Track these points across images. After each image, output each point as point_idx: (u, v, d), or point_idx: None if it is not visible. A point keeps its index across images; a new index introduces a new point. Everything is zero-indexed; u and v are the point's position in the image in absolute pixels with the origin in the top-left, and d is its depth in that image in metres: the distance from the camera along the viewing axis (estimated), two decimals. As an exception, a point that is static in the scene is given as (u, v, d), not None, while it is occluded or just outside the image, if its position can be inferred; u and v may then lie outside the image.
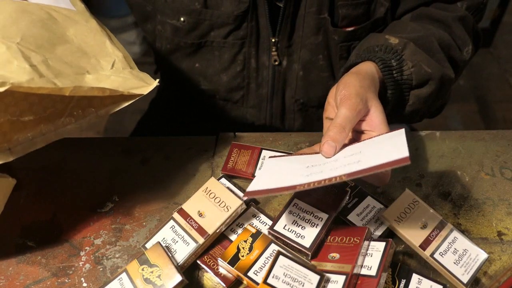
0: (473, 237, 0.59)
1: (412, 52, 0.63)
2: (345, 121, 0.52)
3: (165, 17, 0.76)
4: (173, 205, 0.63)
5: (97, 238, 0.60)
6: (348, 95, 0.54)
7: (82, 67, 0.52)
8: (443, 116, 1.87)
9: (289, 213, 0.57)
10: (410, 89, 0.65)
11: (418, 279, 0.52)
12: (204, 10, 0.73)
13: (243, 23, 0.74)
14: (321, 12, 0.72)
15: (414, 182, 0.65)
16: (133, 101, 0.53)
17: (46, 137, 0.54)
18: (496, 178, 0.65)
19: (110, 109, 0.54)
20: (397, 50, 0.63)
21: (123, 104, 0.53)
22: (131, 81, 0.53)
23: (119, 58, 0.56)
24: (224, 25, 0.74)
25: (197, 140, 0.72)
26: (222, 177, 0.64)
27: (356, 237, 0.53)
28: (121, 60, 0.56)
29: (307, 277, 0.49)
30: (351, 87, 0.55)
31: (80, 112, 0.55)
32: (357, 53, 0.68)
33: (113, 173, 0.67)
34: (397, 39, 0.65)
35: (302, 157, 0.56)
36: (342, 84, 0.56)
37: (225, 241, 0.57)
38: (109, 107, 0.54)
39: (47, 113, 0.54)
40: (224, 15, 0.73)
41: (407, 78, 0.63)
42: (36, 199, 0.64)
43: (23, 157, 0.69)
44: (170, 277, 0.51)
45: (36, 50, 0.50)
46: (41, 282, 0.56)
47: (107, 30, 0.60)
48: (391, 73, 0.62)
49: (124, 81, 0.52)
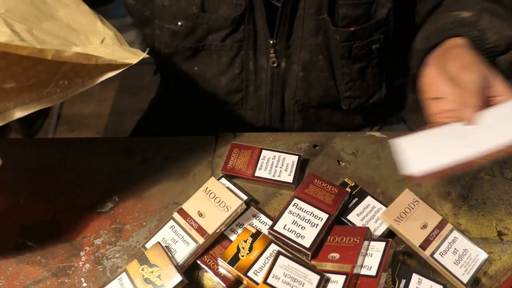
0: (473, 237, 0.59)
1: (489, 21, 0.63)
2: (477, 85, 0.51)
3: (162, 21, 0.77)
4: (173, 205, 0.63)
5: (97, 238, 0.60)
6: (466, 63, 0.53)
7: (69, 40, 0.49)
8: (443, 116, 1.87)
9: (289, 213, 0.57)
10: (497, 56, 0.64)
11: (418, 279, 0.52)
12: (201, 14, 0.74)
13: (240, 26, 0.74)
14: (320, 12, 0.72)
15: (414, 182, 0.65)
16: (120, 71, 0.50)
17: (29, 106, 0.51)
18: (496, 178, 0.65)
19: (96, 80, 0.52)
20: (474, 22, 0.63)
21: (110, 73, 0.51)
22: (120, 52, 0.50)
23: (110, 36, 0.53)
24: (222, 29, 0.75)
25: (197, 140, 0.72)
26: (222, 177, 0.64)
27: (356, 237, 0.53)
28: (111, 37, 0.53)
29: (307, 277, 0.49)
30: (466, 56, 0.55)
31: (66, 83, 0.53)
32: (426, 36, 0.67)
33: (113, 173, 0.67)
34: (468, 13, 0.64)
35: (439, 131, 0.53)
36: (453, 56, 0.56)
37: (225, 241, 0.57)
38: (96, 78, 0.52)
39: (31, 82, 0.52)
40: (221, 18, 0.73)
41: (493, 46, 0.63)
42: (36, 199, 0.64)
43: (23, 157, 0.69)
44: (170, 277, 0.51)
45: (21, 21, 0.47)
46: (41, 282, 0.56)
47: (99, 15, 0.58)
48: (477, 44, 0.62)
49: (112, 52, 0.50)
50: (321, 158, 0.68)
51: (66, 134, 1.90)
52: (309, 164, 0.67)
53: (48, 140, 0.73)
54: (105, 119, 1.93)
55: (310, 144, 0.70)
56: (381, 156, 0.68)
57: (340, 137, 0.70)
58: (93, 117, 1.94)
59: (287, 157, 0.65)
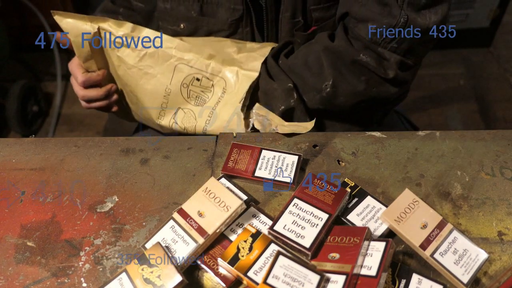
0: (473, 237, 0.59)
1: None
2: None
3: (166, 23, 0.81)
4: (173, 205, 0.63)
5: (97, 238, 0.60)
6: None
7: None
8: (443, 116, 1.87)
9: (289, 213, 0.57)
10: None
11: (418, 279, 0.52)
12: (200, 17, 0.76)
13: (238, 28, 0.76)
14: (295, 16, 0.75)
15: (414, 182, 0.64)
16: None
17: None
18: (496, 178, 0.65)
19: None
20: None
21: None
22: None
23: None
24: (221, 31, 0.78)
25: (197, 140, 0.72)
26: (222, 177, 0.64)
27: (356, 237, 0.53)
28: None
29: (307, 277, 0.49)
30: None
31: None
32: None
33: (113, 173, 0.67)
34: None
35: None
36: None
37: (225, 241, 0.57)
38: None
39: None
40: (220, 22, 0.77)
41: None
42: (36, 199, 0.64)
43: (23, 157, 0.70)
44: (170, 277, 0.51)
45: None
46: (41, 282, 0.56)
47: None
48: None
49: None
50: (321, 158, 0.68)
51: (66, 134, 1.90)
52: (309, 164, 0.67)
53: (48, 140, 0.73)
54: (105, 119, 1.93)
55: (310, 144, 0.70)
56: (381, 156, 0.68)
57: (340, 137, 0.70)
58: (93, 117, 1.94)
59: (287, 157, 0.65)
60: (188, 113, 0.76)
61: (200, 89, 0.75)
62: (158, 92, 0.76)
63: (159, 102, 0.77)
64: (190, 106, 0.76)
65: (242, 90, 0.73)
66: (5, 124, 1.85)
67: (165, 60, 0.73)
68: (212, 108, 0.75)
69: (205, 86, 0.75)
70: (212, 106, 0.75)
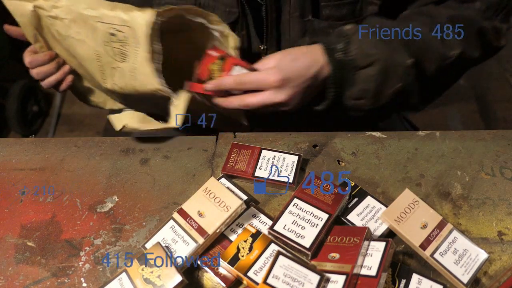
0: (473, 237, 0.59)
1: (362, 36, 0.68)
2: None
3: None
4: (173, 205, 0.63)
5: (97, 238, 0.60)
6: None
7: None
8: (443, 116, 1.87)
9: (289, 213, 0.57)
10: (356, 70, 0.68)
11: (418, 279, 0.52)
12: None
13: (233, 31, 0.76)
14: (304, 15, 0.74)
15: (414, 182, 0.64)
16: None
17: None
18: (496, 178, 0.65)
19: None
20: (347, 35, 0.68)
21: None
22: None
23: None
24: None
25: (197, 140, 0.72)
26: (222, 177, 0.64)
27: (356, 237, 0.53)
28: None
29: (307, 277, 0.49)
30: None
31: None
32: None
33: (113, 173, 0.67)
34: (350, 26, 0.70)
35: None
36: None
37: (225, 241, 0.57)
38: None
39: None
40: None
41: (351, 58, 0.67)
42: (36, 199, 0.64)
43: (23, 157, 0.70)
44: (170, 277, 0.51)
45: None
46: (41, 282, 0.56)
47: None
48: (332, 54, 0.67)
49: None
50: (321, 158, 0.68)
51: (66, 134, 1.90)
52: (309, 164, 0.67)
53: (48, 140, 0.73)
54: (105, 119, 1.93)
55: (310, 144, 0.70)
56: (381, 156, 0.68)
57: (340, 137, 0.70)
58: (93, 117, 1.94)
59: (287, 157, 0.65)
60: (120, 71, 0.72)
61: (120, 44, 0.70)
62: (91, 57, 0.72)
63: (96, 67, 0.74)
64: (118, 63, 0.71)
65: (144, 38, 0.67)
66: (5, 124, 1.85)
67: (85, 22, 0.69)
68: (133, 63, 0.70)
69: (121, 40, 0.69)
70: (133, 60, 0.70)
